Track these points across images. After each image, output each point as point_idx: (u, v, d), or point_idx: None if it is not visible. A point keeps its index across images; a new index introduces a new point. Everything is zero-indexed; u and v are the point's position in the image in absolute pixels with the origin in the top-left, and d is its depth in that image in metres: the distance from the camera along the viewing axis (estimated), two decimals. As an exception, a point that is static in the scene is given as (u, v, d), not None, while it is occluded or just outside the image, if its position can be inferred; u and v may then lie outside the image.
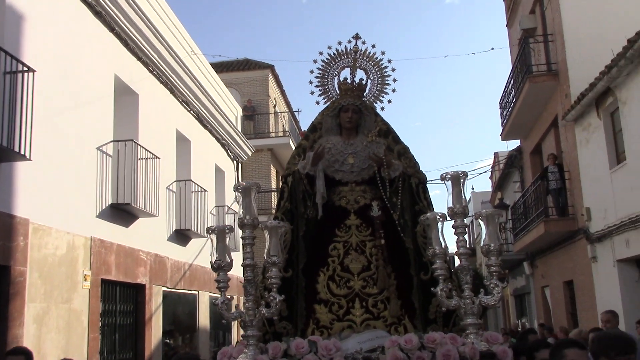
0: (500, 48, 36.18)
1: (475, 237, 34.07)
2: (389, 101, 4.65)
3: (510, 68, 17.27)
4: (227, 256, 3.59)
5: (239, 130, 17.87)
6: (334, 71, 4.65)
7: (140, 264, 10.64)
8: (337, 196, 4.40)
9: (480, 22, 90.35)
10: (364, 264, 4.18)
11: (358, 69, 4.62)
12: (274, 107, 24.86)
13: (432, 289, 3.61)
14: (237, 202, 3.75)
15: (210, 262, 3.61)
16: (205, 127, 15.01)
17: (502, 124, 18.12)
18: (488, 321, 34.56)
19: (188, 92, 13.38)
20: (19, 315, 7.07)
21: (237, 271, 3.79)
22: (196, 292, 13.59)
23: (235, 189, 3.63)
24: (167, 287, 11.85)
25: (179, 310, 12.92)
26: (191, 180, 13.18)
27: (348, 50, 4.59)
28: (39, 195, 7.70)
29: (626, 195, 10.44)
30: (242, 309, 3.57)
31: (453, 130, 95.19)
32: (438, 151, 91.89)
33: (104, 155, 9.59)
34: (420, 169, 4.52)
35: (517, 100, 15.40)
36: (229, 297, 3.57)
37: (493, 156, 27.09)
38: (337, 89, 4.64)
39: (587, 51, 12.40)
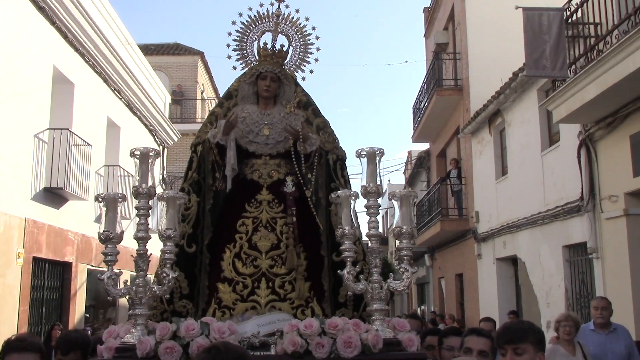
0: (414, 62, 38.41)
1: (388, 226, 36.01)
2: (311, 71, 4.35)
3: (424, 76, 18.82)
4: (117, 227, 3.36)
5: (166, 116, 18.59)
6: (253, 35, 4.30)
7: (69, 243, 11.40)
8: (249, 169, 4.13)
9: (400, 33, 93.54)
10: (274, 242, 3.94)
11: (280, 35, 4.29)
12: (202, 93, 25.57)
13: (338, 271, 3.43)
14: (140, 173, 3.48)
15: (98, 233, 3.34)
16: (134, 113, 15.71)
17: (413, 128, 19.71)
18: (395, 307, 36.75)
19: (120, 81, 14.06)
20: (-40, 289, 7.82)
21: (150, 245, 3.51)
22: (118, 271, 14.35)
23: (132, 154, 3.38)
24: (92, 265, 12.63)
25: (101, 287, 13.67)
26: (119, 165, 13.92)
27: (270, 13, 4.26)
28: (-20, 179, 8.41)
29: (506, 204, 12.12)
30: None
31: (375, 120, 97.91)
32: (360, 140, 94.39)
33: (40, 142, 10.29)
34: (340, 145, 4.30)
35: (427, 108, 16.95)
36: (116, 272, 3.36)
37: (407, 154, 28.92)
38: (256, 54, 4.31)
39: (486, 72, 13.93)
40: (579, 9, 7.93)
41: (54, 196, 10.74)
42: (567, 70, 7.59)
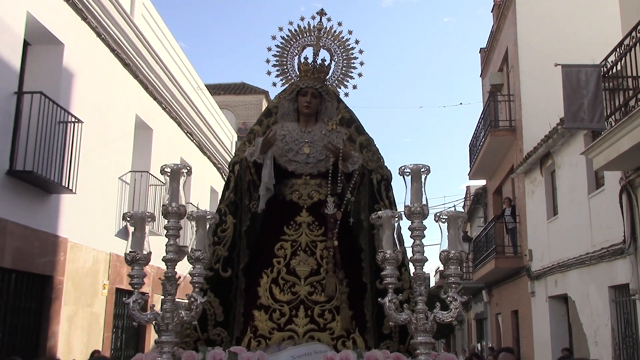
0: (468, 104, 38.88)
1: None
2: (354, 86, 4.16)
3: (480, 115, 19.33)
4: (145, 247, 3.18)
5: (233, 154, 19.79)
6: (294, 50, 4.13)
7: (146, 276, 12.49)
8: (288, 189, 3.89)
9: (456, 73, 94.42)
10: (313, 268, 3.70)
11: (322, 49, 4.12)
12: (266, 130, 26.84)
13: (379, 299, 3.09)
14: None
15: (125, 254, 3.17)
16: (204, 153, 16.94)
17: (470, 165, 20.18)
18: (455, 342, 36.54)
19: (192, 124, 15.32)
20: (57, 315, 8.94)
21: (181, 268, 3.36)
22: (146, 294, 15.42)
23: (162, 171, 3.18)
24: (165, 296, 13.69)
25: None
26: (190, 202, 15.06)
27: (311, 27, 4.10)
28: (75, 218, 9.57)
29: (557, 243, 12.50)
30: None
31: (437, 153, 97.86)
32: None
33: (124, 184, 11.48)
34: (385, 164, 4.02)
35: (482, 147, 17.46)
36: (143, 295, 3.17)
37: (466, 189, 29.27)
38: (296, 69, 4.12)
39: (538, 115, 14.40)
40: (618, 63, 8.47)
41: (134, 232, 11.88)
42: (605, 123, 8.12)
